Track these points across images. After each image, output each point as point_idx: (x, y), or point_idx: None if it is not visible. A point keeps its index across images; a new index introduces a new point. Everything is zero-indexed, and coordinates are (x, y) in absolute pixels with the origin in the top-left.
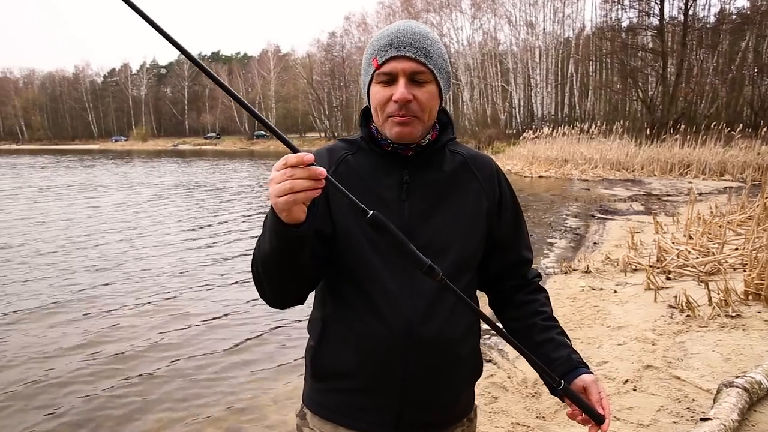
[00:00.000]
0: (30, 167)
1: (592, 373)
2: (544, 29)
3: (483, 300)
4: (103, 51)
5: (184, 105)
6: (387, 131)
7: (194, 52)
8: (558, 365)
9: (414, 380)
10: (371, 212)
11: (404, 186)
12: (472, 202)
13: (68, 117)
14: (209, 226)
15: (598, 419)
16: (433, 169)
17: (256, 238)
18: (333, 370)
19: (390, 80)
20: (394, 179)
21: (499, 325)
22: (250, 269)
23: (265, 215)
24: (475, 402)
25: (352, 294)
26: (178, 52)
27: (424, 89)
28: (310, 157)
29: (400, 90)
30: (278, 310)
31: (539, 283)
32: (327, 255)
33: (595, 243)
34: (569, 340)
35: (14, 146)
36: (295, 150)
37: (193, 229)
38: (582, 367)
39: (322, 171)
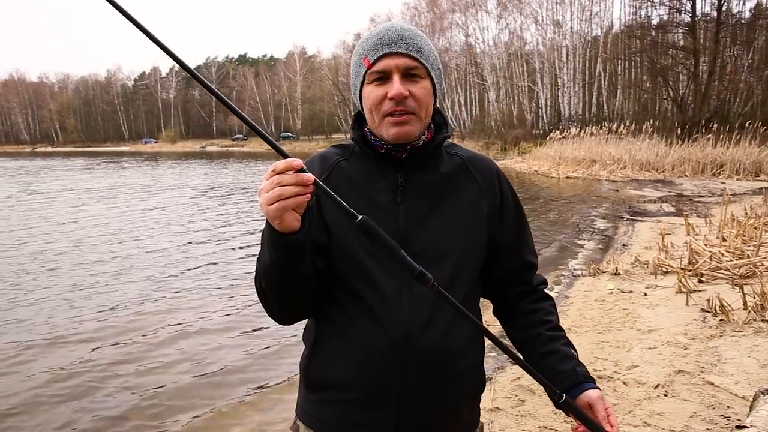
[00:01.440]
0: (69, 169)
1: (597, 388)
2: (571, 28)
3: (488, 306)
4: (134, 55)
5: (212, 107)
6: (384, 132)
7: (222, 55)
8: (563, 379)
9: (411, 393)
10: (360, 217)
11: (399, 189)
12: (471, 205)
13: (100, 120)
14: (239, 228)
15: None
16: (429, 170)
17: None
18: (327, 381)
19: (383, 78)
20: (389, 182)
21: (502, 337)
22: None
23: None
24: (499, 405)
25: (348, 302)
26: (208, 55)
27: (420, 85)
28: (299, 162)
29: (395, 86)
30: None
31: (545, 290)
32: (326, 266)
33: (624, 245)
34: (575, 350)
35: (50, 148)
36: (284, 155)
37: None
38: (587, 381)
39: (310, 177)
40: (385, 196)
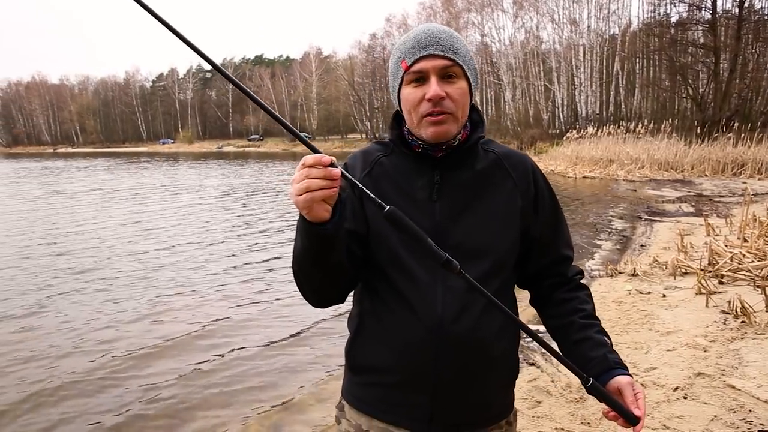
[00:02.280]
0: (92, 170)
1: (629, 374)
2: (588, 26)
3: (524, 296)
4: (152, 56)
5: (228, 108)
6: (422, 132)
7: (238, 56)
8: (594, 365)
9: (446, 378)
10: (388, 207)
11: (435, 186)
12: (505, 200)
13: (119, 121)
14: (265, 227)
15: (630, 419)
16: (465, 168)
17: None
18: (369, 365)
19: (421, 79)
20: (426, 180)
21: (536, 325)
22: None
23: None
24: (516, 406)
25: (386, 291)
26: (224, 56)
27: (456, 85)
28: (327, 158)
29: (433, 87)
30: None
31: (580, 280)
32: (364, 255)
33: (642, 245)
34: (609, 338)
35: (70, 149)
36: (315, 151)
37: (245, 228)
38: (618, 368)
39: (338, 171)
40: (421, 194)
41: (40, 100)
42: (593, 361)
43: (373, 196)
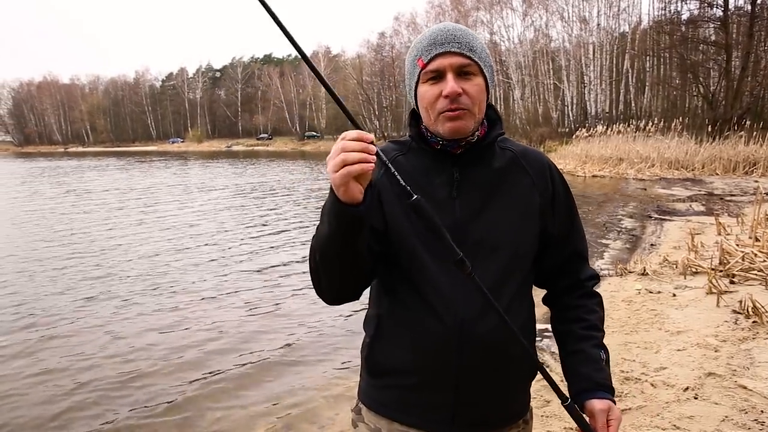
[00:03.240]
0: (104, 169)
1: (610, 398)
2: (598, 24)
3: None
4: (162, 56)
5: (238, 107)
6: (440, 128)
7: (247, 56)
8: (578, 381)
9: (467, 379)
10: (416, 196)
11: (455, 183)
12: (523, 197)
13: (129, 120)
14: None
15: None
16: (484, 165)
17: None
18: (388, 367)
19: (437, 77)
20: (445, 177)
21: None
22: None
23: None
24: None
25: (406, 292)
26: (234, 55)
27: (473, 82)
28: (369, 136)
29: (449, 84)
30: (333, 307)
31: (593, 287)
32: (380, 251)
33: (652, 244)
34: (606, 353)
35: (81, 148)
36: (358, 127)
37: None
38: (600, 390)
39: (374, 147)
40: (441, 191)
41: (51, 100)
42: (579, 376)
43: (403, 182)
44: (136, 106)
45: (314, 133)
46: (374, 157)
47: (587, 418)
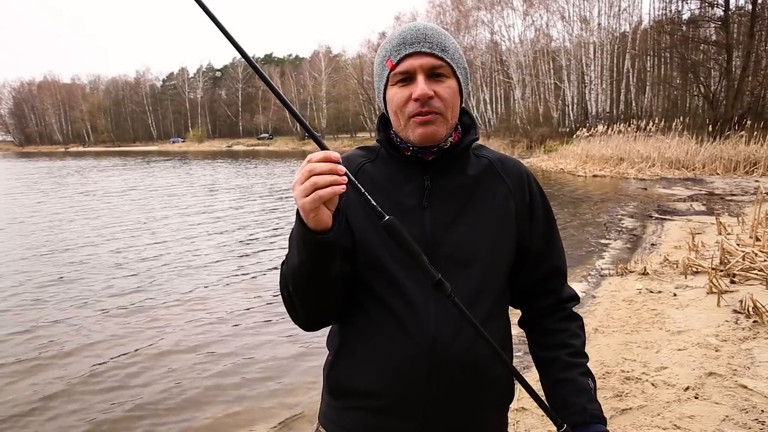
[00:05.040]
0: (106, 169)
1: (605, 429)
2: (598, 24)
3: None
4: (163, 56)
5: (238, 107)
6: (410, 134)
7: (249, 55)
8: (572, 413)
9: (438, 401)
10: (387, 217)
11: (426, 192)
12: (499, 206)
13: (129, 120)
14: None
15: None
16: (457, 173)
17: (281, 261)
18: (352, 388)
19: (407, 79)
20: (415, 185)
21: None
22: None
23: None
24: (523, 405)
25: (374, 308)
26: (234, 55)
27: (445, 84)
28: (336, 155)
29: (420, 86)
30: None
31: (573, 309)
32: (352, 271)
33: (652, 244)
34: (593, 381)
35: (81, 148)
36: (323, 147)
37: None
38: (595, 423)
39: (343, 168)
40: (411, 200)
41: (52, 100)
42: (572, 408)
43: (374, 203)
44: (137, 105)
45: (318, 133)
46: (345, 178)
47: None
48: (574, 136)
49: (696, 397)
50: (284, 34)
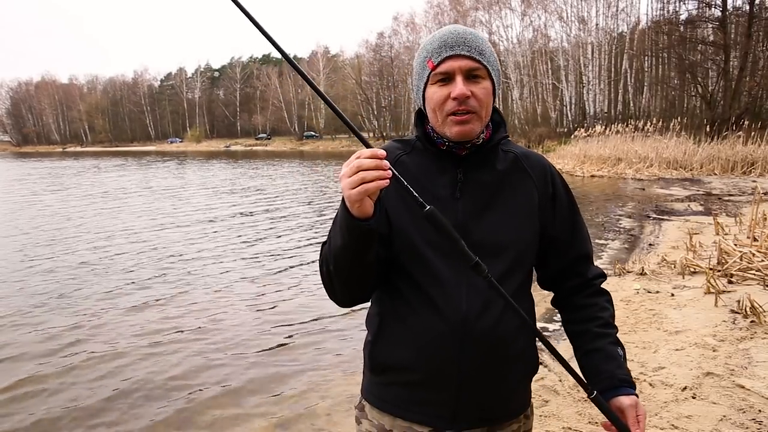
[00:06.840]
0: (108, 170)
1: (634, 393)
2: (596, 24)
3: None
4: (160, 56)
5: (236, 107)
6: (447, 131)
7: (246, 56)
8: (602, 379)
9: (469, 375)
10: (428, 207)
11: (458, 184)
12: (525, 199)
13: (127, 120)
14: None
15: None
16: (487, 168)
17: (323, 240)
18: (390, 364)
19: (446, 79)
20: (449, 178)
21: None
22: (318, 270)
23: (335, 214)
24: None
25: (408, 290)
26: (232, 55)
27: (481, 85)
28: (383, 152)
29: (458, 86)
30: (332, 307)
31: (601, 285)
32: (387, 255)
33: (650, 244)
34: (622, 350)
35: (79, 148)
36: (368, 145)
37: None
38: (624, 386)
39: (388, 164)
40: (444, 191)
41: (50, 100)
42: (602, 374)
43: (416, 195)
44: (135, 105)
45: (313, 133)
46: (389, 173)
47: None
48: (572, 136)
49: (693, 397)
50: (282, 34)
